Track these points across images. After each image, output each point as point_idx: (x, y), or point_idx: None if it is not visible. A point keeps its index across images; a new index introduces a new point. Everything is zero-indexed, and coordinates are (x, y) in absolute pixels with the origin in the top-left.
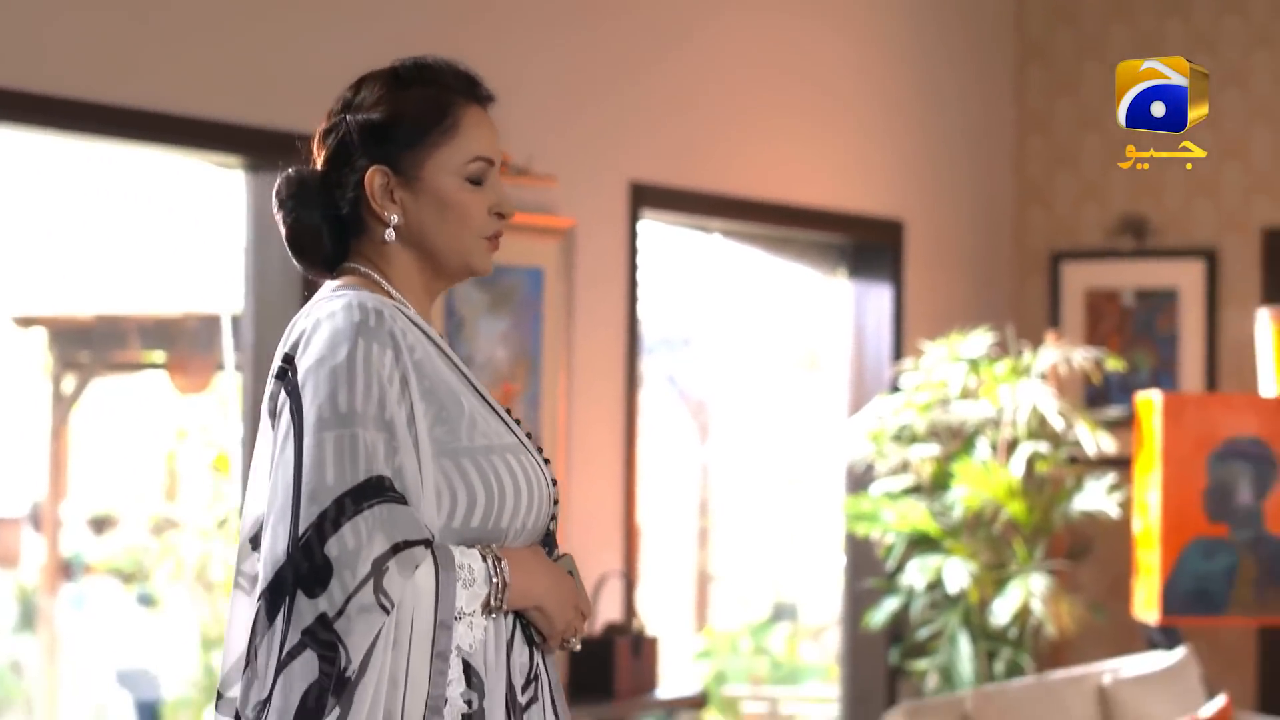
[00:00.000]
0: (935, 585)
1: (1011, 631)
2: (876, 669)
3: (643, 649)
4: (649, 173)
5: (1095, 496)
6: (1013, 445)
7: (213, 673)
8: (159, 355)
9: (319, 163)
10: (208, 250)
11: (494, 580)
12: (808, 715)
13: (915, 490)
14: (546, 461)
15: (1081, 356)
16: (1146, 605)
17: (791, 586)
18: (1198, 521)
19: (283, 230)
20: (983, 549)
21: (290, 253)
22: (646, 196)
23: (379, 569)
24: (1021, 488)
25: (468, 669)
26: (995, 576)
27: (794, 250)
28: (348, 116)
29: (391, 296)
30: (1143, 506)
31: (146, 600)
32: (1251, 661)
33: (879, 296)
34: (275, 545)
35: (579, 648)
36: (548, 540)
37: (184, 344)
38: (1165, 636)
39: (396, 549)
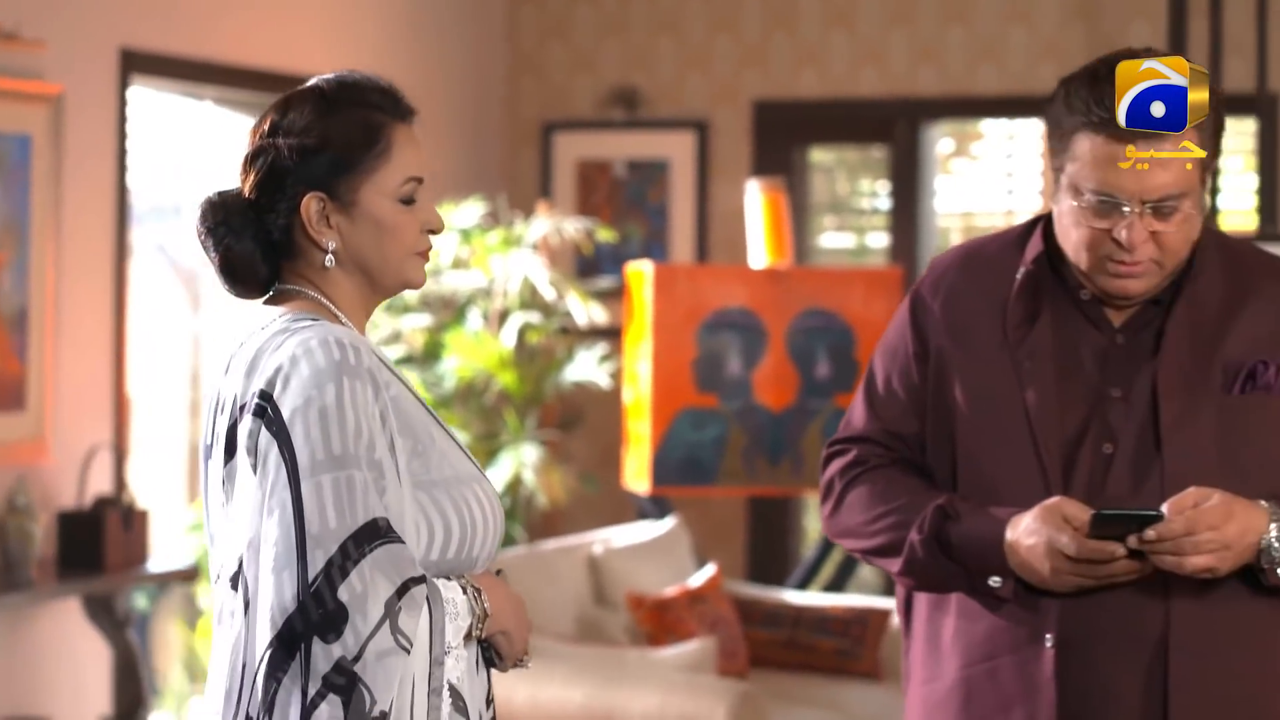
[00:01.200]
0: None
1: (504, 502)
2: None
3: (133, 522)
4: (140, 39)
5: (586, 367)
6: (504, 315)
7: None
8: None
9: (246, 187)
10: None
11: (476, 611)
12: None
13: (407, 360)
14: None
15: (573, 227)
16: (637, 475)
17: None
18: (687, 392)
19: (214, 258)
20: (475, 419)
21: (222, 279)
22: (137, 63)
23: (391, 610)
24: (513, 358)
25: (455, 693)
26: (487, 447)
27: None
28: (278, 140)
29: (340, 321)
30: (633, 377)
31: None
32: (741, 531)
33: None
34: (282, 592)
35: (530, 665)
36: None
37: None
38: (655, 506)
39: (402, 590)
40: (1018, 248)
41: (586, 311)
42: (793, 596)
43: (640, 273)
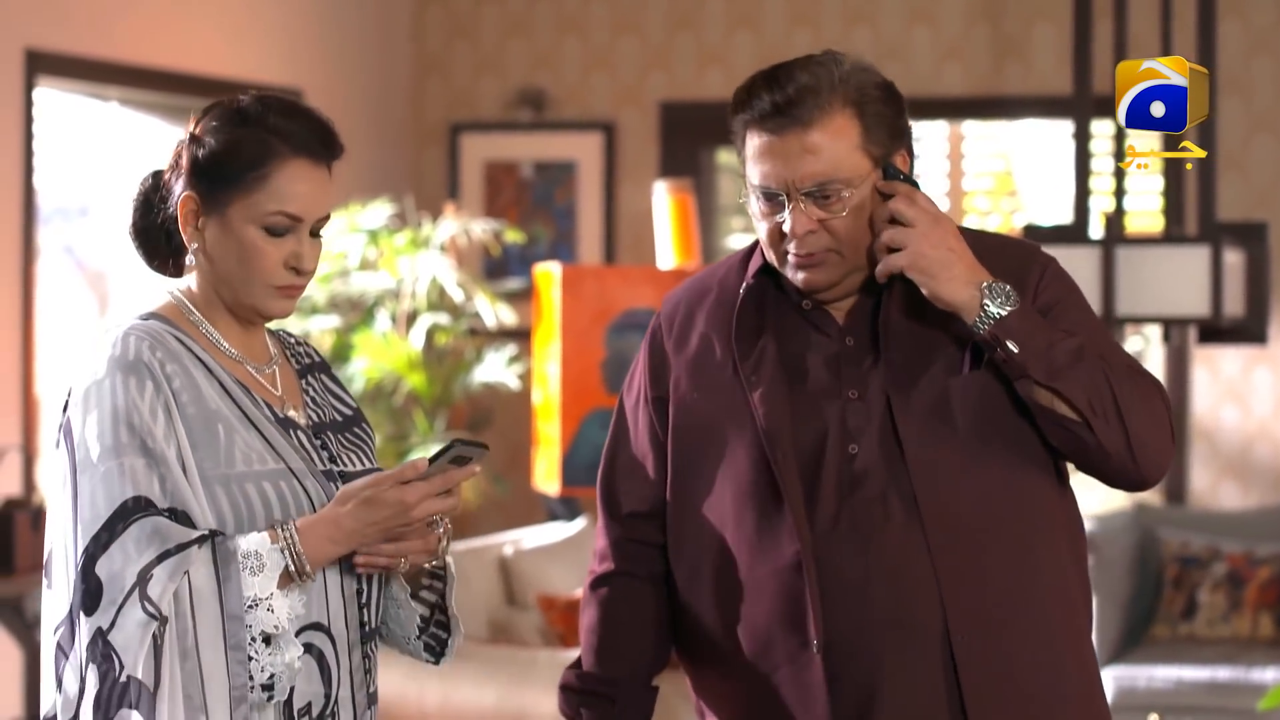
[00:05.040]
0: None
1: None
2: None
3: (43, 523)
4: (45, 40)
5: (495, 368)
6: (413, 317)
7: None
8: None
9: (166, 172)
10: None
11: (286, 551)
12: None
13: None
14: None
15: (481, 228)
16: (547, 477)
17: None
18: (596, 393)
19: (131, 222)
20: (384, 421)
21: (133, 243)
22: (42, 64)
23: (143, 578)
24: (422, 359)
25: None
26: (397, 449)
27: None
28: (187, 140)
29: (189, 318)
30: (542, 378)
31: None
32: None
33: None
34: (68, 582)
35: (406, 569)
36: None
37: None
38: (565, 507)
39: (163, 556)
40: (741, 268)
41: (495, 313)
42: None
43: (548, 274)
